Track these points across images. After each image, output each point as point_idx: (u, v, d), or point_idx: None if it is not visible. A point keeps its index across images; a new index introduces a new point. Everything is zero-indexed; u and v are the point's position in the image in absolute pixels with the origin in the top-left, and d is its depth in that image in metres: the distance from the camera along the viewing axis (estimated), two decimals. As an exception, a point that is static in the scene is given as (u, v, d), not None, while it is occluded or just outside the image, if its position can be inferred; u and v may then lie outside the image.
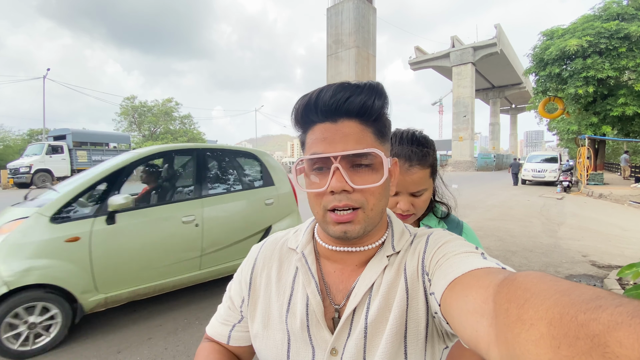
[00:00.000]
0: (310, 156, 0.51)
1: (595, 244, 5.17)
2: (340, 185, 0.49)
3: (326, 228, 0.53)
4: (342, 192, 0.50)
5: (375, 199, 0.52)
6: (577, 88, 13.86)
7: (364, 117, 0.52)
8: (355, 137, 0.51)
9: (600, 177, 14.26)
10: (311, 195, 0.53)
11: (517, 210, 8.55)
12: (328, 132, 0.51)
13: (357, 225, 0.51)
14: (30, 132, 30.47)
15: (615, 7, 14.13)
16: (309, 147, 0.53)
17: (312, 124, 0.53)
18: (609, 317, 0.22)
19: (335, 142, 0.50)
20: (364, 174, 0.51)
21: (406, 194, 0.91)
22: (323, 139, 0.51)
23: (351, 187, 0.50)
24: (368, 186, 0.50)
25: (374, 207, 0.52)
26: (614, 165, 26.65)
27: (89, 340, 2.43)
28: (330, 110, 0.51)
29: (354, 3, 26.52)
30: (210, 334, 0.67)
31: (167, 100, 39.31)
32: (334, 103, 0.50)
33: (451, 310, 0.41)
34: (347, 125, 0.51)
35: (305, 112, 0.53)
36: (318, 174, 0.52)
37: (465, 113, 34.87)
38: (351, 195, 0.50)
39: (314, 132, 0.53)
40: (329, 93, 0.51)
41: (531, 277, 0.32)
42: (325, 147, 0.51)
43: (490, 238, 5.51)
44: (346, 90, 0.51)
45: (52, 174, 16.35)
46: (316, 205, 0.53)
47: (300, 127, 0.56)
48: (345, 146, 0.50)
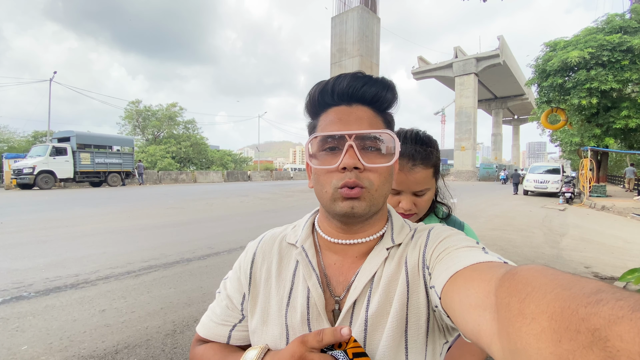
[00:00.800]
0: (326, 133, 0.54)
1: (598, 256, 5.13)
2: (353, 162, 0.51)
3: (334, 206, 0.54)
4: (353, 169, 0.52)
5: (381, 180, 0.54)
6: (581, 99, 13.89)
7: (376, 105, 0.56)
8: (368, 121, 0.54)
9: (603, 189, 14.19)
10: (321, 173, 0.55)
11: (519, 220, 8.50)
12: (343, 114, 0.54)
13: (363, 202, 0.53)
14: (35, 133, 30.68)
15: (618, 21, 14.23)
16: (322, 128, 0.56)
17: (326, 107, 0.56)
18: (609, 311, 0.22)
19: (349, 122, 0.54)
20: (373, 157, 0.54)
21: (409, 193, 0.91)
22: (338, 119, 0.54)
23: (362, 165, 0.52)
24: (378, 165, 0.53)
25: (378, 188, 0.54)
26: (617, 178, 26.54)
27: (87, 341, 2.42)
28: (347, 94, 0.54)
29: (358, 13, 26.80)
30: (205, 336, 0.65)
31: (172, 105, 39.60)
32: (350, 88, 0.54)
33: (452, 304, 0.41)
34: (361, 110, 0.55)
35: (322, 96, 0.56)
36: (328, 154, 0.54)
37: (468, 123, 34.93)
38: (361, 174, 0.53)
39: (328, 114, 0.56)
40: (346, 79, 0.54)
41: (532, 270, 0.32)
42: (339, 127, 0.54)
43: (492, 248, 5.47)
44: (362, 79, 0.54)
45: (55, 176, 16.42)
46: (326, 184, 0.54)
47: (313, 111, 0.58)
48: (359, 127, 0.53)
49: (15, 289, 3.32)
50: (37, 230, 6.11)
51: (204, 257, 4.60)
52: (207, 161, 40.82)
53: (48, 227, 6.44)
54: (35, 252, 4.65)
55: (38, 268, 3.98)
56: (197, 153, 39.11)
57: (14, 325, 2.60)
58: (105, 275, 3.79)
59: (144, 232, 6.23)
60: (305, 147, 0.57)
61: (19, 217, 7.53)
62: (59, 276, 3.72)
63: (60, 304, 3.00)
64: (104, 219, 7.68)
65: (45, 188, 15.86)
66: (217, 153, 42.87)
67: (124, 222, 7.25)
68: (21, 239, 5.40)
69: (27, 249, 4.85)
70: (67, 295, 3.22)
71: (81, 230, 6.28)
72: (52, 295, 3.21)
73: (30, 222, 7.01)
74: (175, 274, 3.87)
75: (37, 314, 2.81)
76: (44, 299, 3.12)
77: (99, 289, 3.37)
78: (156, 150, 34.95)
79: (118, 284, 3.54)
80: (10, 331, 2.51)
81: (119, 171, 19.60)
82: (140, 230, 6.46)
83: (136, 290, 3.37)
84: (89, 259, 4.38)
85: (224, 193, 15.39)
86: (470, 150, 35.27)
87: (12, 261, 4.23)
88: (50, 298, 3.13)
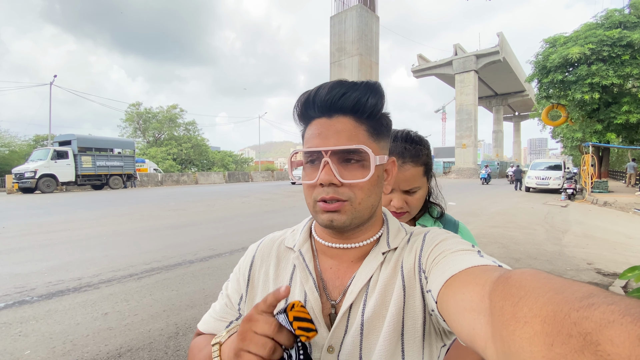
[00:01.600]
0: (304, 149, 0.55)
1: (601, 252, 5.11)
2: (329, 178, 0.52)
3: (316, 217, 0.56)
4: (330, 185, 0.52)
5: (364, 194, 0.54)
6: (583, 94, 13.85)
7: (357, 113, 0.54)
8: (347, 134, 0.53)
9: (605, 185, 14.15)
10: (305, 186, 0.56)
11: (520, 217, 8.48)
12: (323, 127, 0.54)
13: (344, 215, 0.53)
14: (36, 137, 30.78)
15: (618, 16, 14.19)
16: (306, 141, 0.56)
17: (310, 119, 0.56)
18: (601, 315, 0.22)
19: (328, 137, 0.53)
20: (354, 169, 0.53)
21: (399, 192, 0.92)
22: (318, 134, 0.54)
23: (339, 181, 0.52)
24: (355, 181, 0.52)
25: (361, 201, 0.54)
26: (619, 173, 26.46)
27: (90, 344, 2.43)
28: (326, 106, 0.53)
29: (357, 11, 26.77)
30: (204, 330, 0.67)
31: (172, 107, 39.67)
32: (329, 99, 0.53)
33: (448, 308, 0.41)
34: (341, 122, 0.53)
35: (305, 108, 0.56)
36: (311, 167, 0.55)
37: (469, 120, 34.87)
38: (339, 189, 0.52)
39: (311, 127, 0.55)
40: (325, 89, 0.53)
41: (526, 274, 0.32)
42: (318, 141, 0.53)
43: (494, 245, 5.46)
44: (342, 87, 0.53)
45: (57, 179, 16.47)
46: (308, 196, 0.56)
47: (301, 122, 0.58)
48: (337, 141, 0.52)
49: (17, 294, 3.34)
50: (39, 234, 6.13)
51: (206, 259, 4.61)
52: (208, 162, 40.90)
53: (50, 231, 6.46)
54: (37, 256, 4.67)
55: (40, 272, 3.99)
56: (198, 154, 39.19)
57: (17, 330, 2.61)
58: (108, 278, 3.80)
59: (145, 235, 6.24)
60: (288, 160, 0.60)
61: (21, 221, 7.56)
62: (62, 280, 3.73)
63: (62, 308, 3.01)
64: (106, 221, 7.70)
65: (47, 192, 15.91)
66: (218, 154, 42.94)
67: (125, 225, 7.27)
68: (23, 243, 5.42)
69: (29, 253, 4.87)
70: (70, 299, 3.23)
71: (83, 233, 6.30)
72: (54, 299, 3.22)
73: (32, 226, 7.04)
74: (177, 276, 3.88)
75: (39, 318, 2.82)
76: (46, 303, 3.13)
77: (102, 292, 3.38)
78: (157, 152, 35.03)
79: (120, 287, 3.55)
80: (13, 336, 2.52)
81: (120, 174, 19.66)
82: (142, 232, 6.48)
83: (138, 293, 3.38)
84: (91, 263, 4.39)
85: (225, 194, 15.41)
86: (472, 147, 35.19)
87: (14, 265, 4.25)
88: (53, 302, 3.14)
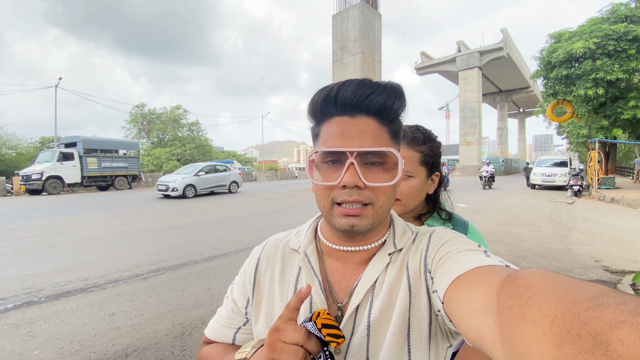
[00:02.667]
0: (327, 149, 0.52)
1: (608, 249, 5.06)
2: (354, 180, 0.50)
3: (332, 221, 0.54)
4: (353, 187, 0.50)
5: (386, 197, 0.53)
6: (587, 89, 13.69)
7: (382, 116, 0.52)
8: (372, 135, 0.51)
9: (612, 181, 14.00)
10: (320, 187, 0.54)
11: (526, 215, 8.42)
12: (346, 127, 0.52)
13: (365, 220, 0.52)
14: (42, 139, 31.09)
15: (624, 10, 14.00)
16: (325, 139, 0.53)
17: (329, 117, 0.54)
18: (611, 315, 0.22)
19: (352, 137, 0.51)
20: (377, 172, 0.52)
21: None
22: (340, 133, 0.51)
23: (363, 184, 0.50)
24: (381, 184, 0.51)
25: (383, 204, 0.53)
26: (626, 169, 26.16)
27: (97, 345, 2.45)
28: (351, 105, 0.51)
29: (359, 10, 26.69)
30: (212, 337, 0.66)
31: (176, 108, 39.83)
32: (355, 98, 0.51)
33: (454, 309, 0.41)
34: (365, 122, 0.52)
35: (324, 104, 0.53)
36: (330, 167, 0.53)
37: (473, 118, 34.66)
38: (362, 192, 0.51)
39: (331, 125, 0.53)
40: (351, 88, 0.51)
41: (534, 274, 0.32)
42: (342, 141, 0.51)
43: (500, 243, 5.43)
44: (368, 88, 0.51)
45: (63, 181, 16.61)
46: (324, 198, 0.53)
47: (316, 118, 0.56)
48: (362, 142, 0.50)
49: (26, 295, 3.37)
50: (47, 236, 6.19)
51: (211, 259, 4.62)
52: (212, 162, 41.01)
53: (57, 232, 6.53)
54: (45, 257, 4.72)
55: (48, 273, 4.03)
56: (202, 155, 39.32)
57: (25, 331, 2.64)
58: (114, 279, 3.83)
59: (151, 235, 6.28)
60: (306, 160, 0.57)
61: (28, 223, 7.64)
62: (69, 281, 3.76)
63: (70, 309, 3.04)
64: (112, 222, 7.76)
65: (54, 193, 16.06)
66: (221, 154, 43.08)
67: (131, 225, 7.32)
68: (31, 245, 5.48)
69: (37, 254, 4.92)
70: (77, 299, 3.26)
71: (90, 234, 6.36)
72: (62, 299, 3.25)
73: (39, 227, 7.11)
74: (182, 276, 3.90)
75: (47, 318, 2.85)
76: (54, 303, 3.16)
77: (108, 293, 3.41)
78: (162, 153, 35.21)
79: (127, 287, 3.57)
80: (21, 336, 2.55)
81: (125, 175, 19.79)
82: (148, 232, 6.52)
83: (144, 293, 3.40)
84: (97, 263, 4.43)
85: (229, 194, 15.46)
86: (476, 144, 34.97)
87: (22, 267, 4.29)
88: (61, 303, 3.18)
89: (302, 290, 0.47)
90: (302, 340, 0.44)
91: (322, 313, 0.47)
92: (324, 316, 0.46)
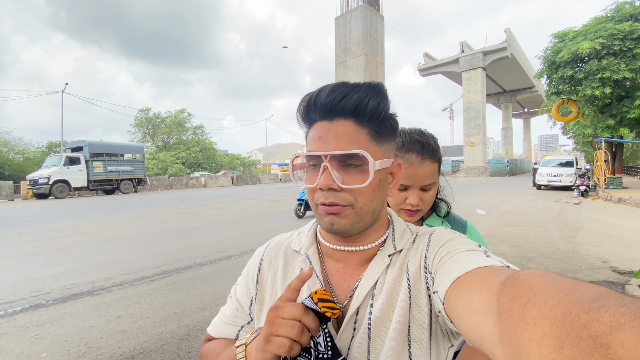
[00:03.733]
0: (304, 153, 0.55)
1: (616, 250, 5.00)
2: (328, 183, 0.51)
3: (319, 220, 0.56)
4: (329, 189, 0.52)
5: (365, 198, 0.53)
6: (594, 89, 13.57)
7: (358, 116, 0.52)
8: (347, 137, 0.52)
9: (619, 181, 13.84)
10: (307, 189, 0.56)
11: (532, 215, 8.35)
12: (323, 131, 0.53)
13: (344, 219, 0.53)
14: (49, 144, 31.46)
15: (628, 8, 13.87)
16: (308, 144, 0.56)
17: (312, 122, 0.56)
18: (611, 317, 0.22)
19: (328, 141, 0.52)
20: (354, 174, 0.52)
21: (416, 188, 0.92)
22: (318, 137, 0.53)
23: (338, 186, 0.51)
24: (355, 186, 0.52)
25: (363, 206, 0.53)
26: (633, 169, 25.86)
27: (104, 347, 2.47)
28: (327, 108, 0.52)
29: (361, 12, 26.73)
30: (215, 335, 0.67)
31: (180, 112, 40.12)
32: (330, 102, 0.52)
33: (455, 309, 0.41)
34: (342, 125, 0.52)
35: (307, 111, 0.55)
36: (313, 170, 0.55)
37: (477, 118, 34.48)
38: (339, 194, 0.52)
39: (313, 130, 0.55)
40: (326, 92, 0.52)
41: (534, 275, 0.32)
42: (318, 145, 0.52)
43: (505, 244, 5.39)
44: (343, 89, 0.52)
45: (70, 185, 16.79)
46: (310, 200, 0.56)
47: (304, 124, 0.58)
48: (336, 146, 0.51)
49: (33, 297, 3.41)
50: (54, 239, 6.26)
51: (216, 261, 4.64)
52: (217, 165, 41.24)
53: (64, 236, 6.59)
54: (52, 261, 4.77)
55: (55, 276, 4.08)
56: (206, 158, 39.55)
57: (33, 333, 2.66)
58: (120, 281, 3.86)
59: (156, 238, 6.32)
60: (290, 163, 0.60)
61: (35, 227, 7.73)
62: (76, 283, 3.80)
63: (77, 311, 3.07)
64: (118, 225, 7.82)
65: (61, 197, 16.23)
66: (226, 157, 43.29)
67: (137, 229, 7.37)
68: (38, 248, 5.54)
69: (44, 257, 4.97)
70: (84, 302, 3.28)
71: (96, 237, 6.41)
72: (69, 302, 3.28)
73: (46, 231, 7.18)
74: (188, 279, 3.92)
75: (55, 321, 2.88)
76: (61, 306, 3.19)
77: (114, 295, 3.43)
78: (166, 156, 35.46)
79: (133, 289, 3.60)
80: (29, 339, 2.58)
81: (130, 178, 19.97)
82: (153, 235, 6.56)
83: (150, 295, 3.42)
84: (104, 266, 4.47)
85: (234, 197, 15.51)
86: (480, 145, 34.77)
87: (30, 270, 4.34)
88: (68, 305, 3.21)
89: (305, 272, 0.49)
90: (299, 315, 0.46)
91: (319, 290, 0.49)
92: (321, 291, 0.48)
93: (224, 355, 0.59)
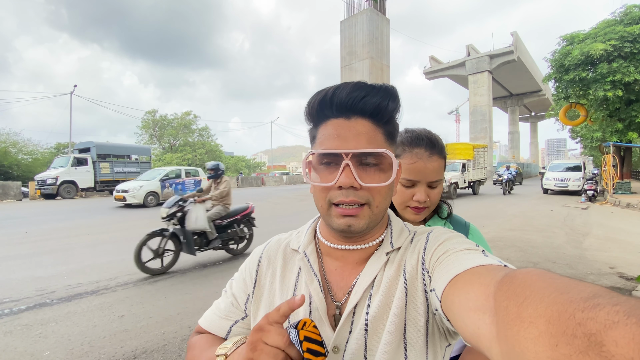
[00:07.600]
0: (322, 151, 0.53)
1: (624, 255, 4.92)
2: (349, 181, 0.50)
3: (330, 221, 0.54)
4: (349, 188, 0.51)
5: (382, 197, 0.53)
6: (606, 91, 13.42)
7: (376, 117, 0.53)
8: (367, 136, 0.52)
9: (628, 186, 13.63)
10: (317, 188, 0.55)
11: (539, 220, 8.26)
12: (341, 129, 0.53)
13: (362, 220, 0.53)
14: (57, 145, 31.91)
15: (637, 11, 13.77)
16: (321, 141, 0.54)
17: (325, 119, 0.55)
18: (605, 315, 0.22)
19: (347, 139, 0.52)
20: (372, 173, 0.53)
21: (424, 184, 0.91)
22: (336, 135, 0.52)
23: (359, 185, 0.51)
24: (376, 185, 0.52)
25: (379, 204, 0.53)
26: (643, 174, 25.50)
27: (106, 346, 2.48)
28: (346, 107, 0.52)
29: (367, 15, 26.79)
30: (206, 327, 0.66)
31: (186, 114, 40.46)
32: (350, 100, 0.52)
33: (452, 307, 0.41)
34: (360, 124, 0.53)
35: (321, 107, 0.54)
36: (326, 168, 0.54)
37: (483, 122, 34.31)
38: (358, 192, 0.52)
39: (327, 127, 0.54)
40: (346, 90, 0.52)
41: (531, 274, 0.32)
42: (337, 143, 0.52)
43: (511, 249, 5.33)
44: (362, 90, 0.52)
45: (77, 185, 16.97)
46: (321, 199, 0.54)
47: (312, 120, 0.57)
48: (357, 144, 0.51)
49: (38, 296, 3.44)
50: (60, 239, 6.33)
51: (219, 263, 4.66)
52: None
53: (70, 235, 6.66)
54: (58, 260, 4.82)
55: (60, 275, 4.12)
56: (212, 160, 39.80)
57: (37, 332, 2.69)
58: (124, 281, 3.89)
59: (161, 239, 6.34)
60: (303, 162, 0.58)
61: (42, 227, 7.82)
62: (80, 283, 3.83)
63: (81, 310, 3.09)
64: (123, 226, 7.89)
65: (68, 197, 16.41)
66: (231, 159, 43.57)
67: (142, 230, 7.40)
68: (45, 248, 5.60)
69: (50, 257, 5.02)
70: (88, 301, 3.31)
71: (101, 238, 6.47)
72: (73, 301, 3.31)
73: (53, 231, 7.27)
74: (191, 280, 3.93)
75: (59, 320, 2.90)
76: (65, 305, 3.22)
77: (118, 295, 3.45)
78: (172, 158, 35.76)
79: (136, 290, 3.62)
80: (33, 337, 2.60)
81: (137, 179, 20.15)
82: (158, 236, 6.58)
83: (153, 296, 3.44)
84: (108, 266, 4.50)
85: (238, 199, 15.56)
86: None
87: (36, 269, 4.39)
88: (72, 304, 3.23)
89: (296, 300, 0.45)
90: (284, 345, 0.43)
91: (308, 324, 0.45)
92: (309, 328, 0.45)
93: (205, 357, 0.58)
